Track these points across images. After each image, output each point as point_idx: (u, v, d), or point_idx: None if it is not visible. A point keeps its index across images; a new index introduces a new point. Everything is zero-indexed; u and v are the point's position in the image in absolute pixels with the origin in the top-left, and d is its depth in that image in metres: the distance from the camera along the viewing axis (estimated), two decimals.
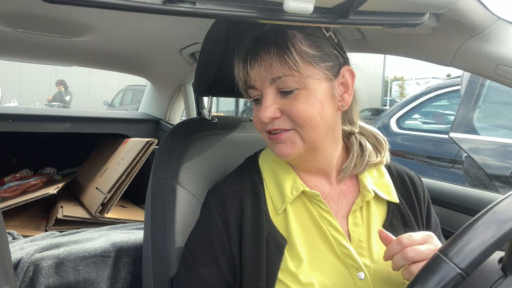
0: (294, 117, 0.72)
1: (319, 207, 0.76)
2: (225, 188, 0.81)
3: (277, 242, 0.74)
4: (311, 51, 0.72)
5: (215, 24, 0.96)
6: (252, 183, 0.80)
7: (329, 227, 0.75)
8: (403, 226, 0.79)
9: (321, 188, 0.80)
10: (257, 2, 0.60)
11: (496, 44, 0.78)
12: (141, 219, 1.71)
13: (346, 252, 0.73)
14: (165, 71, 2.11)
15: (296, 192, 0.77)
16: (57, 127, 2.01)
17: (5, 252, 0.67)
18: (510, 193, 0.52)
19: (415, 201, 0.83)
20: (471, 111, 2.89)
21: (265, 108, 0.72)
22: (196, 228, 0.82)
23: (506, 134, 2.76)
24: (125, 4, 0.54)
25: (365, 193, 0.78)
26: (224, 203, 0.78)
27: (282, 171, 0.81)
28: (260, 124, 0.76)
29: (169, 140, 1.00)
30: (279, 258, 0.73)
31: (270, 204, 0.78)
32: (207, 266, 0.75)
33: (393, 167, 0.87)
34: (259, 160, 0.86)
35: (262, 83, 0.73)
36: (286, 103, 0.72)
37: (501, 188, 2.57)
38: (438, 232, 0.85)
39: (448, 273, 0.47)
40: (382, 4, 0.65)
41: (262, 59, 0.71)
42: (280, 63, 0.70)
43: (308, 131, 0.72)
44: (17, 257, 1.21)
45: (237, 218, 0.76)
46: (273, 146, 0.76)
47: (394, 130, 4.06)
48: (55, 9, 1.23)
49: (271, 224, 0.76)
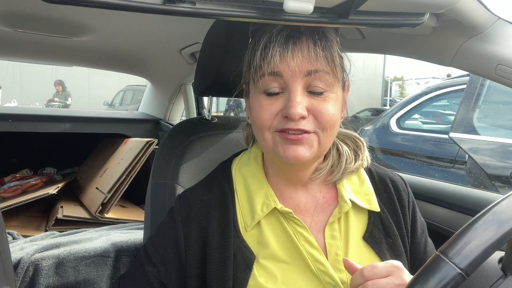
0: (322, 118, 0.67)
1: (294, 223, 0.73)
2: (193, 196, 0.77)
3: (246, 257, 0.71)
4: (342, 56, 0.71)
5: (215, 24, 0.96)
6: (222, 194, 0.76)
7: (304, 242, 0.72)
8: (385, 236, 0.76)
9: (297, 201, 0.77)
10: (257, 2, 0.60)
11: (496, 44, 0.78)
12: (141, 219, 1.71)
13: (322, 268, 0.70)
14: (165, 71, 2.11)
15: (266, 209, 0.73)
16: (57, 127, 2.01)
17: (5, 252, 0.67)
18: (510, 193, 0.52)
19: (398, 207, 0.79)
20: (471, 111, 2.89)
21: (296, 103, 0.65)
22: (157, 228, 0.80)
23: (506, 134, 2.76)
24: (125, 4, 0.54)
25: (342, 204, 0.74)
26: (189, 213, 0.75)
27: (255, 184, 0.76)
28: (270, 120, 0.68)
29: (169, 140, 1.00)
30: (247, 274, 0.69)
31: (241, 218, 0.75)
32: (154, 266, 0.73)
33: (375, 172, 0.83)
34: (233, 167, 0.81)
35: (294, 75, 0.66)
36: (315, 103, 0.67)
37: (501, 188, 2.57)
38: (425, 235, 0.83)
39: (448, 273, 0.47)
40: (382, 4, 0.65)
41: (309, 49, 0.66)
42: (327, 58, 0.66)
43: (328, 135, 0.69)
44: (17, 257, 1.21)
45: (200, 229, 0.73)
46: (285, 147, 0.68)
47: (394, 130, 4.05)
48: (55, 9, 1.23)
49: (240, 239, 0.72)
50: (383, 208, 0.79)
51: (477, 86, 2.83)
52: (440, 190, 1.25)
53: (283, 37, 0.66)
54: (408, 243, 0.79)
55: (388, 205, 0.80)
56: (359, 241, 0.75)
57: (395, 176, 0.85)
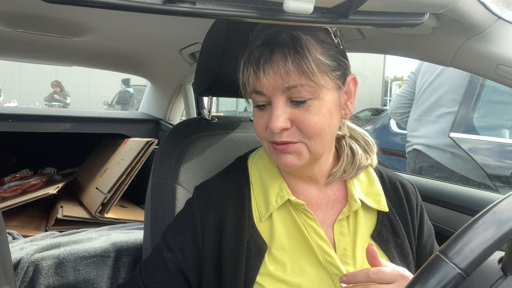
0: (305, 128, 0.69)
1: (305, 215, 0.75)
2: (210, 187, 0.80)
3: (258, 246, 0.73)
4: (325, 59, 0.69)
5: (215, 24, 0.96)
6: (238, 185, 0.79)
7: (313, 234, 0.74)
8: (393, 236, 0.78)
9: (308, 195, 0.79)
10: (257, 2, 0.60)
11: (496, 44, 0.78)
12: (141, 219, 1.71)
13: (330, 260, 0.72)
14: (165, 71, 2.11)
15: (281, 200, 0.75)
16: (57, 127, 2.02)
17: (5, 252, 0.67)
18: (510, 193, 0.52)
19: (407, 210, 0.81)
20: (471, 111, 2.89)
21: (276, 117, 0.68)
22: (175, 218, 0.82)
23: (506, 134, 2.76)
24: (125, 4, 0.54)
25: (352, 203, 0.76)
26: (207, 202, 0.77)
27: (269, 177, 0.79)
28: (263, 131, 0.73)
29: (169, 140, 1.00)
30: (259, 261, 0.72)
31: (255, 208, 0.77)
32: (173, 252, 0.76)
33: (385, 175, 0.85)
34: (249, 162, 0.84)
35: (273, 91, 0.69)
36: (298, 113, 0.69)
37: (501, 188, 2.56)
38: (431, 239, 0.84)
39: (448, 273, 0.47)
40: (382, 4, 0.65)
41: (278, 66, 0.67)
42: (298, 72, 0.66)
43: (316, 143, 0.70)
44: (17, 257, 1.21)
45: (217, 218, 0.76)
46: (277, 156, 0.72)
47: (394, 130, 4.05)
48: (55, 9, 1.23)
49: (254, 228, 0.75)
50: (392, 208, 0.80)
51: (477, 86, 2.82)
52: (440, 190, 1.25)
53: (255, 57, 0.69)
54: (414, 244, 0.81)
55: (397, 206, 0.81)
56: (367, 239, 0.77)
57: (405, 180, 0.86)
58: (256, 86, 0.70)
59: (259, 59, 0.68)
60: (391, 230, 0.78)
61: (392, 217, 0.79)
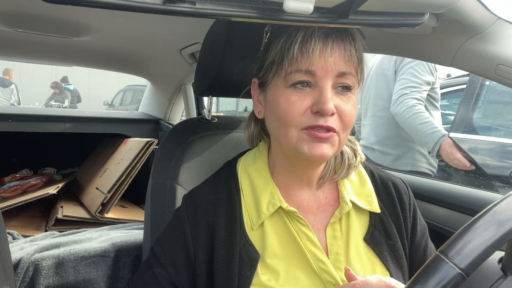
0: (346, 118, 0.68)
1: (297, 222, 0.74)
2: (199, 195, 0.78)
3: (251, 256, 0.71)
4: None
5: (215, 24, 0.96)
6: (228, 193, 0.77)
7: (306, 241, 0.73)
8: (385, 238, 0.77)
9: (300, 199, 0.77)
10: (257, 2, 0.60)
11: (496, 44, 0.78)
12: (141, 219, 1.71)
13: (323, 267, 0.71)
14: (165, 71, 2.11)
15: (272, 208, 0.73)
16: (57, 127, 2.02)
17: (5, 252, 0.67)
18: (510, 193, 0.52)
19: (399, 210, 0.80)
20: (471, 111, 2.89)
21: (329, 99, 0.65)
22: (164, 229, 0.80)
23: (506, 134, 2.76)
24: (125, 4, 0.54)
25: (343, 205, 0.75)
26: (196, 212, 0.75)
27: (260, 183, 0.77)
28: (299, 116, 0.67)
29: (169, 140, 1.00)
30: (252, 272, 0.70)
31: (247, 217, 0.75)
32: (164, 267, 0.73)
33: (377, 175, 0.84)
34: (238, 167, 0.82)
35: (326, 73, 0.66)
36: (341, 102, 0.68)
37: (501, 188, 2.56)
38: (425, 238, 0.83)
39: (448, 273, 0.47)
40: (382, 4, 0.65)
41: (346, 48, 0.66)
42: (357, 60, 0.67)
43: (345, 136, 0.70)
44: (17, 257, 1.21)
45: (208, 227, 0.73)
46: (311, 145, 0.67)
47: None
48: (55, 9, 1.23)
49: (245, 237, 0.73)
50: (383, 209, 0.79)
51: (477, 86, 2.83)
52: (440, 190, 1.25)
53: (323, 33, 0.66)
54: (407, 245, 0.80)
55: (389, 207, 0.80)
56: (360, 242, 0.75)
57: (397, 179, 0.85)
58: (314, 63, 0.65)
59: (327, 35, 0.65)
60: (384, 232, 0.77)
61: (384, 218, 0.78)
